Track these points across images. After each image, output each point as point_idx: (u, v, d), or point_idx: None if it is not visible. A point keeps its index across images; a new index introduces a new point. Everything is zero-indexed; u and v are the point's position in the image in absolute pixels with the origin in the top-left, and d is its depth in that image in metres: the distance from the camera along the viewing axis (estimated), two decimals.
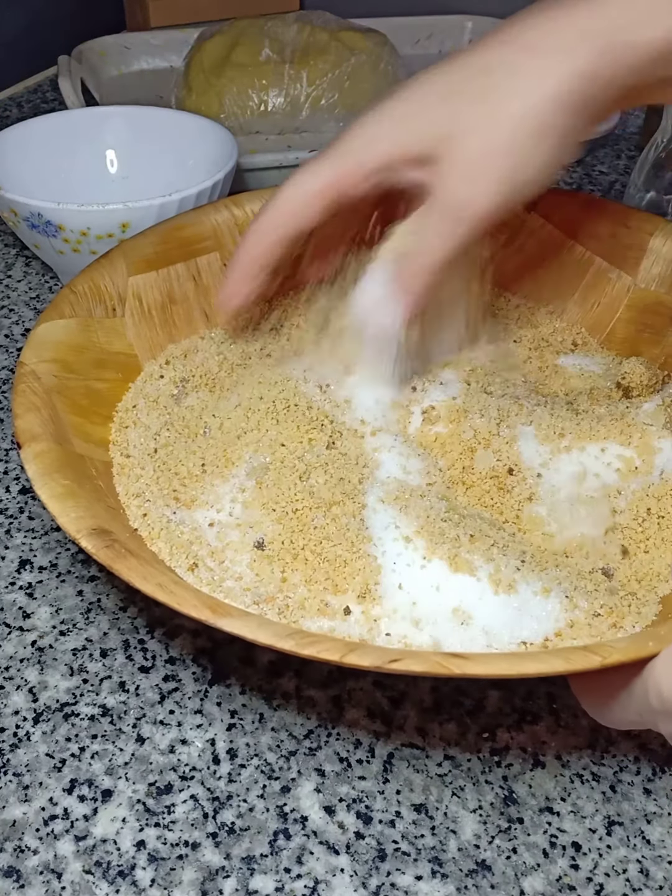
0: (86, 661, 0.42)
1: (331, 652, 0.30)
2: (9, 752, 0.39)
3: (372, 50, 0.86)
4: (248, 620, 0.31)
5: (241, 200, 0.53)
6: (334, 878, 0.35)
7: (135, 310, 0.49)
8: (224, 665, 0.42)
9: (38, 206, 0.57)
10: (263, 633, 0.31)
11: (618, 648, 0.30)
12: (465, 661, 0.30)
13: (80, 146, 0.70)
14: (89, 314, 0.46)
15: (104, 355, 0.46)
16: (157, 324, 0.50)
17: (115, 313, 0.48)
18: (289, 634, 0.31)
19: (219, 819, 0.37)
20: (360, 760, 0.39)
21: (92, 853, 0.36)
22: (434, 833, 0.37)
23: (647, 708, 0.31)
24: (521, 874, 0.35)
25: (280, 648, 0.30)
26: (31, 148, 0.67)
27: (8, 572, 0.46)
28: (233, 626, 0.31)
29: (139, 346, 0.49)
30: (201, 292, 0.52)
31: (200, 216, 0.52)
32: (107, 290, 0.48)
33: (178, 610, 0.32)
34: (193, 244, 0.51)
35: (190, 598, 0.32)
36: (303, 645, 0.30)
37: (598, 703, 0.34)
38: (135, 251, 0.49)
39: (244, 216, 0.52)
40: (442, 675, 0.30)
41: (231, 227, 0.52)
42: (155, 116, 0.71)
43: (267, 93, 0.84)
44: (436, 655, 0.30)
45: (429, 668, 0.30)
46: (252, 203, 0.53)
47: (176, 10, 1.03)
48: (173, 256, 0.51)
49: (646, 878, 0.35)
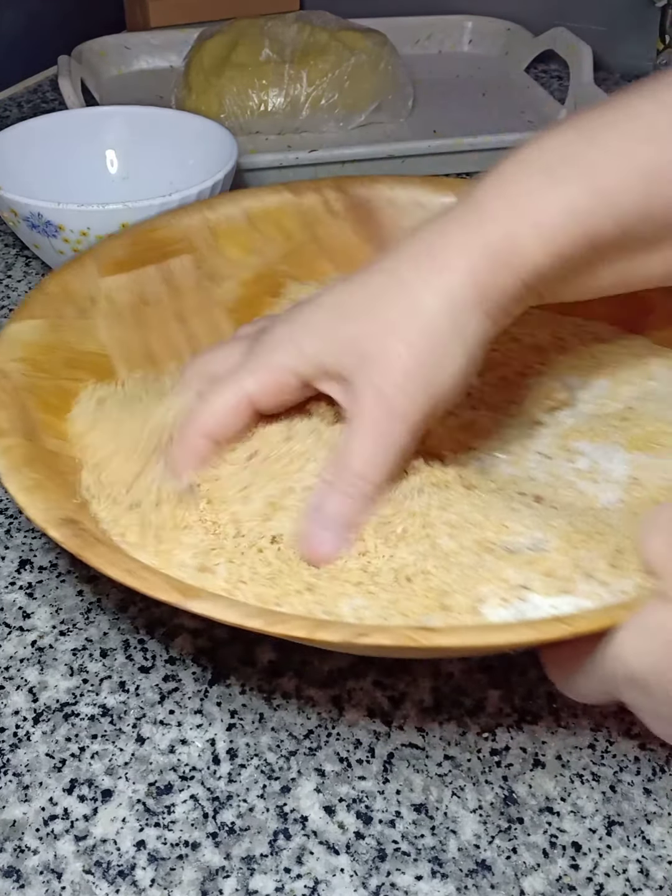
0: (86, 661, 0.42)
1: (300, 629, 0.30)
2: (9, 752, 0.39)
3: (372, 50, 0.86)
4: (217, 601, 0.32)
5: (214, 203, 0.53)
6: (334, 878, 0.35)
7: (107, 311, 0.48)
8: (224, 665, 0.42)
9: (38, 207, 0.57)
10: (232, 613, 0.31)
11: (587, 618, 0.30)
12: (434, 633, 0.30)
13: (80, 146, 0.70)
14: (59, 315, 0.46)
15: (75, 355, 0.46)
16: (130, 325, 0.49)
17: (87, 314, 0.48)
18: (258, 614, 0.31)
19: (219, 819, 0.37)
20: (360, 760, 0.39)
21: (92, 853, 0.36)
22: (434, 833, 0.37)
23: (611, 677, 0.31)
24: (521, 874, 0.35)
25: (250, 627, 0.31)
26: (31, 148, 0.67)
27: (8, 572, 0.46)
28: (202, 607, 0.31)
29: (112, 346, 0.48)
30: (174, 294, 0.51)
31: (173, 219, 0.52)
32: (77, 291, 0.48)
33: (148, 594, 0.32)
34: (166, 246, 0.51)
35: (159, 581, 0.32)
36: (271, 623, 0.31)
37: (565, 674, 0.34)
38: (106, 253, 0.49)
39: (217, 219, 0.52)
40: (411, 648, 0.30)
41: (203, 229, 0.52)
42: (155, 116, 0.71)
43: (267, 93, 0.84)
44: (405, 629, 0.30)
45: (397, 641, 0.30)
46: (225, 206, 0.53)
47: (176, 10, 1.03)
48: (145, 258, 0.50)
49: (646, 878, 0.35)
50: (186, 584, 0.33)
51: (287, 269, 0.54)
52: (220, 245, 0.53)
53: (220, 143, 0.66)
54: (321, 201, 0.54)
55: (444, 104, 0.92)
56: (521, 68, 0.98)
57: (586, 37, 0.89)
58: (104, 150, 0.71)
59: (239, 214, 0.53)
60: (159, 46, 0.98)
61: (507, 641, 0.30)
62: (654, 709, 0.31)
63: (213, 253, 0.53)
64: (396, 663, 0.42)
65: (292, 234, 0.54)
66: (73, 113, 0.72)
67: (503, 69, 0.98)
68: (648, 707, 0.31)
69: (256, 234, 0.53)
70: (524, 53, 0.98)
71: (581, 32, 0.90)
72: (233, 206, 0.53)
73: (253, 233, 0.53)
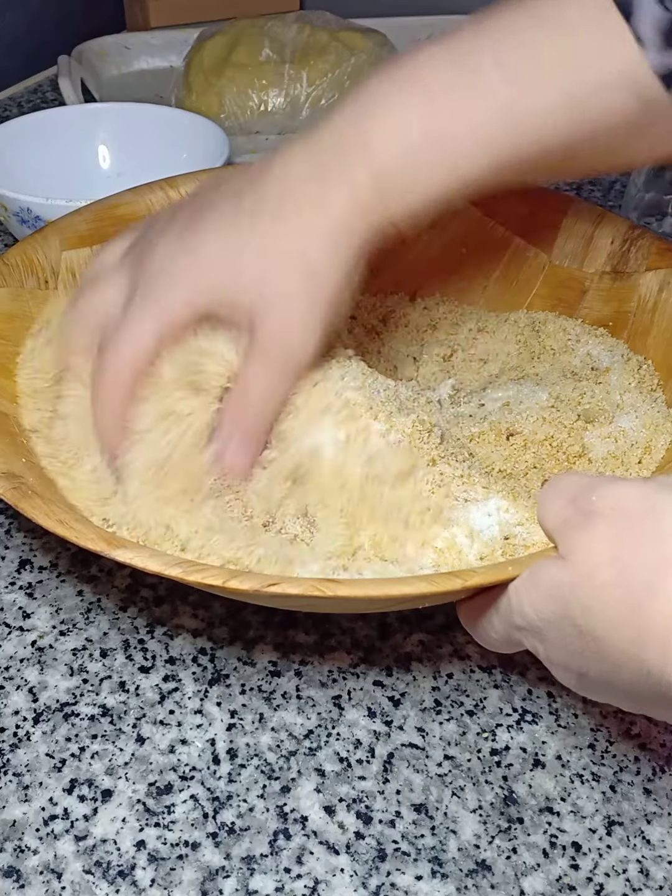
0: (86, 661, 0.42)
1: (214, 578, 0.32)
2: (9, 752, 0.39)
3: (372, 50, 0.86)
4: (140, 551, 0.33)
5: (176, 182, 0.54)
6: (334, 878, 0.35)
7: (68, 283, 0.50)
8: (224, 665, 0.42)
9: (27, 202, 0.58)
10: (154, 562, 0.33)
11: (478, 572, 0.32)
12: (338, 584, 0.32)
13: (72, 142, 0.70)
14: (21, 285, 0.48)
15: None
16: None
17: (48, 285, 0.49)
18: (177, 563, 0.33)
19: (219, 819, 0.37)
20: (360, 760, 0.39)
21: (92, 853, 0.36)
22: (434, 833, 0.37)
23: (512, 625, 0.33)
24: (521, 874, 0.35)
25: (168, 575, 0.32)
26: (25, 144, 0.68)
27: (8, 572, 0.46)
28: (125, 556, 0.33)
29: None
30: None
31: (135, 195, 0.53)
32: (39, 263, 0.49)
33: (76, 543, 0.33)
34: (128, 222, 0.52)
35: (88, 532, 0.34)
36: (189, 572, 0.32)
37: (475, 623, 0.36)
38: (69, 227, 0.51)
39: (178, 197, 0.54)
40: (316, 598, 0.32)
41: (165, 206, 0.53)
42: (147, 113, 0.72)
43: (267, 93, 0.84)
44: (312, 580, 0.32)
45: (303, 590, 0.32)
46: (187, 185, 0.54)
47: (176, 10, 1.03)
48: (108, 233, 0.51)
49: (646, 878, 0.35)
50: (112, 535, 0.34)
51: None
52: None
53: (212, 139, 0.66)
54: None
55: None
56: None
57: None
58: (97, 146, 0.71)
59: None
60: (159, 46, 0.98)
61: (402, 593, 0.32)
62: (550, 655, 0.33)
63: None
64: (397, 663, 0.42)
65: None
66: (65, 109, 0.73)
67: None
68: (545, 654, 0.33)
69: None
70: None
71: None
72: (193, 185, 0.54)
73: None
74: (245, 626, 0.44)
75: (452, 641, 0.43)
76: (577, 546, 0.31)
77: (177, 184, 0.54)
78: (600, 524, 0.30)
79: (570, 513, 0.31)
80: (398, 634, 0.43)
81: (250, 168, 0.41)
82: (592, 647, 0.30)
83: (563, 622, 0.31)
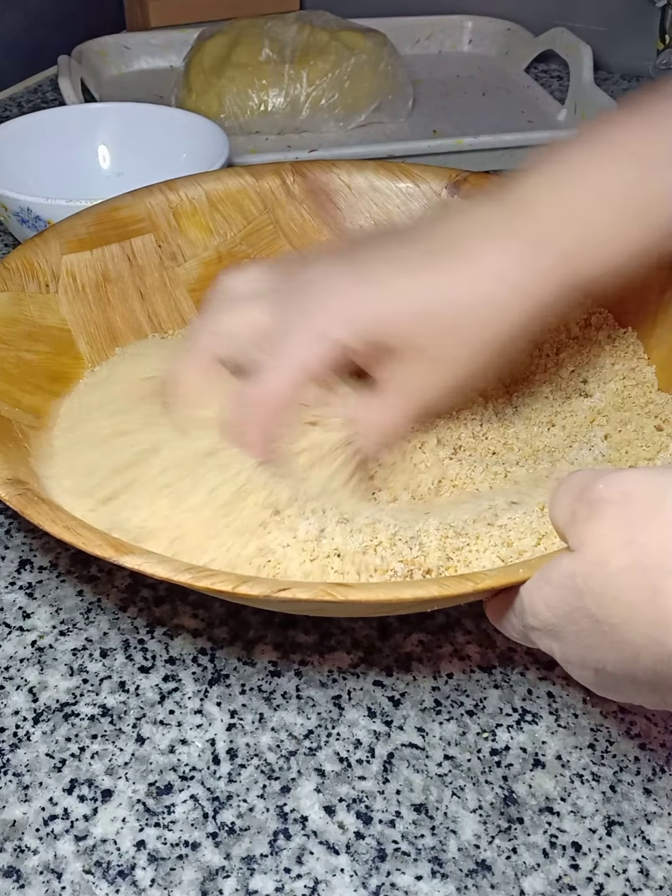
0: (86, 661, 0.42)
1: (224, 584, 0.32)
2: (9, 752, 0.39)
3: (372, 50, 0.86)
4: (148, 557, 0.33)
5: (175, 185, 0.54)
6: (334, 878, 0.35)
7: (69, 287, 0.50)
8: (224, 665, 0.42)
9: (27, 202, 0.58)
10: (162, 568, 0.33)
11: (490, 575, 0.32)
12: (349, 588, 0.32)
13: (72, 142, 0.70)
14: (22, 289, 0.48)
15: (36, 329, 0.48)
16: (92, 301, 0.51)
17: (49, 289, 0.49)
18: (186, 569, 0.33)
19: (219, 819, 0.37)
20: (360, 760, 0.39)
21: (92, 853, 0.36)
22: (434, 833, 0.37)
23: (527, 626, 0.33)
24: (521, 874, 0.35)
25: (177, 581, 0.32)
26: (25, 144, 0.68)
27: (8, 572, 0.46)
28: (134, 562, 0.33)
29: (73, 322, 0.50)
30: (136, 272, 0.53)
31: (136, 199, 0.53)
32: (40, 267, 0.49)
33: (84, 549, 0.33)
34: (128, 225, 0.53)
35: (95, 538, 0.34)
36: (198, 578, 0.32)
37: (501, 621, 0.36)
38: (69, 231, 0.51)
39: (178, 200, 0.54)
40: (327, 602, 0.32)
41: (165, 209, 0.54)
42: (147, 113, 0.72)
43: (267, 93, 0.84)
44: (322, 585, 0.32)
45: (314, 595, 0.32)
46: (187, 188, 0.54)
47: (176, 10, 1.03)
48: (108, 237, 0.52)
49: (646, 878, 0.35)
50: (120, 541, 0.34)
51: (247, 249, 0.56)
52: (181, 225, 0.55)
53: (212, 139, 0.66)
54: (280, 184, 0.56)
55: (444, 104, 0.92)
56: (521, 68, 0.98)
57: (586, 37, 0.89)
58: (97, 146, 0.72)
59: (200, 196, 0.55)
60: (159, 46, 0.98)
61: (413, 596, 0.32)
62: (566, 654, 0.33)
63: (175, 233, 0.54)
64: (397, 663, 0.42)
65: (252, 216, 0.56)
66: (65, 109, 0.73)
67: (503, 69, 0.98)
68: (560, 653, 0.33)
69: (217, 216, 0.55)
70: (524, 53, 0.98)
71: (581, 32, 0.90)
72: (194, 188, 0.55)
73: (214, 214, 0.55)
74: (245, 626, 0.44)
75: (452, 641, 0.43)
76: (588, 535, 0.30)
77: (176, 187, 0.54)
78: (609, 510, 0.30)
79: (578, 506, 0.31)
80: (398, 634, 0.43)
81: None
82: (609, 636, 0.30)
83: (577, 615, 0.30)
